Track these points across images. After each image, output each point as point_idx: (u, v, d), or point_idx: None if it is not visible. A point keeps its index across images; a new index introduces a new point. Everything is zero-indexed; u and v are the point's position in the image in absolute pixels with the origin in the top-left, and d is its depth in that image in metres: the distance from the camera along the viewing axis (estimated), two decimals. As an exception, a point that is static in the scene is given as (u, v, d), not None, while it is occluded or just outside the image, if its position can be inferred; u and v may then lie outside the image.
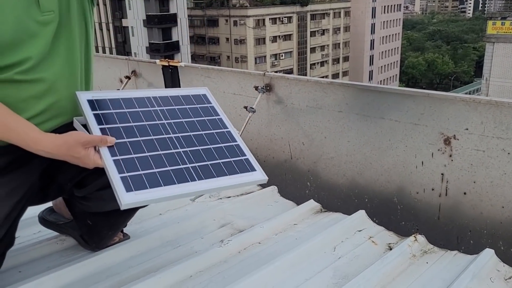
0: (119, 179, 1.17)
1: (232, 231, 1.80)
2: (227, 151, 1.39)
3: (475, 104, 1.83)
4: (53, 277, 1.41)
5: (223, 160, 1.35)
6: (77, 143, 1.19)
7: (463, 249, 1.87)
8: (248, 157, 1.40)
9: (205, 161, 1.32)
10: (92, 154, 1.20)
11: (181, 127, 1.39)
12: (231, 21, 41.74)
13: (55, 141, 1.20)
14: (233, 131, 1.46)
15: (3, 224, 1.27)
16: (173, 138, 1.34)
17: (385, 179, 2.18)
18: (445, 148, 1.95)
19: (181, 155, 1.30)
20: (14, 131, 1.19)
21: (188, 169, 1.28)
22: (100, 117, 1.29)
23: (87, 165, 1.22)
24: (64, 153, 1.20)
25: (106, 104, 1.33)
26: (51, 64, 1.29)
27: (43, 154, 1.21)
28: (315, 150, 2.43)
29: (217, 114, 1.49)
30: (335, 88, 2.27)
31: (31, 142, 1.19)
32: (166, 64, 3.01)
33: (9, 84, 1.22)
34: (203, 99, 1.53)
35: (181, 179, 1.24)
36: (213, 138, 1.40)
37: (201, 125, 1.43)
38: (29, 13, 1.21)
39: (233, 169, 1.34)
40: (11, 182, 1.29)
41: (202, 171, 1.29)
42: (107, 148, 1.22)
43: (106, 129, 1.26)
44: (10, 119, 1.19)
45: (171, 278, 1.43)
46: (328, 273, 1.51)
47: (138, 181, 1.19)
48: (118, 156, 1.22)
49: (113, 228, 1.58)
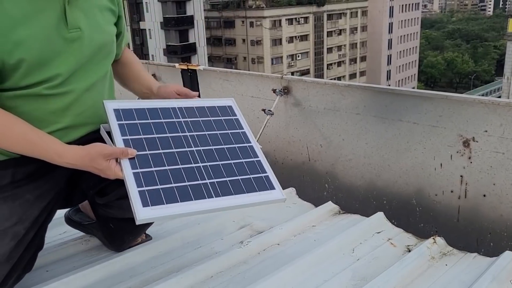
0: (137, 193, 1.19)
1: (251, 232, 1.83)
2: (248, 167, 1.38)
3: (494, 106, 1.83)
4: (79, 277, 1.46)
5: (243, 176, 1.35)
6: (99, 155, 1.21)
7: (483, 251, 1.86)
8: (268, 174, 1.39)
9: (224, 177, 1.32)
10: (113, 166, 1.22)
11: (203, 140, 1.39)
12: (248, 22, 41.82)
13: (78, 152, 1.23)
14: (255, 146, 1.46)
15: (32, 226, 1.32)
16: (195, 151, 1.35)
17: (404, 181, 2.18)
18: (464, 150, 1.94)
19: (201, 170, 1.31)
20: (38, 146, 1.22)
21: (206, 185, 1.28)
22: (124, 127, 1.30)
23: (108, 176, 1.24)
24: (87, 164, 1.23)
25: (131, 114, 1.35)
26: (79, 78, 1.31)
27: (68, 165, 1.24)
28: (333, 152, 2.45)
29: (241, 128, 1.49)
30: (353, 90, 2.28)
31: (55, 156, 1.22)
32: (185, 68, 3.05)
33: (37, 98, 1.25)
34: (229, 111, 1.52)
35: (199, 196, 1.25)
36: (235, 153, 1.40)
37: (224, 139, 1.43)
38: (58, 31, 1.24)
39: (252, 187, 1.34)
40: (40, 188, 1.34)
41: (220, 188, 1.29)
42: (128, 160, 1.24)
43: (129, 140, 1.28)
44: (33, 135, 1.22)
45: (192, 278, 1.47)
46: (346, 274, 1.52)
47: (156, 196, 1.20)
48: (138, 169, 1.23)
49: (133, 234, 1.61)
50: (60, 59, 1.25)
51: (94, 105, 1.37)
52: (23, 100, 1.24)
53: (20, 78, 1.21)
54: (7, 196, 1.29)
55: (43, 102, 1.26)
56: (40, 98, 1.26)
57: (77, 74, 1.31)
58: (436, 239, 1.69)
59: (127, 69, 1.61)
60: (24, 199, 1.30)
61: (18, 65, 1.18)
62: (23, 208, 1.30)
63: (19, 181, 1.31)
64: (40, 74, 1.23)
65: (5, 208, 1.28)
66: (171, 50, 33.86)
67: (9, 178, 1.30)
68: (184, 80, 3.11)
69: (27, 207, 1.31)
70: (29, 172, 1.32)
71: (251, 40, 42.21)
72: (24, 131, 1.21)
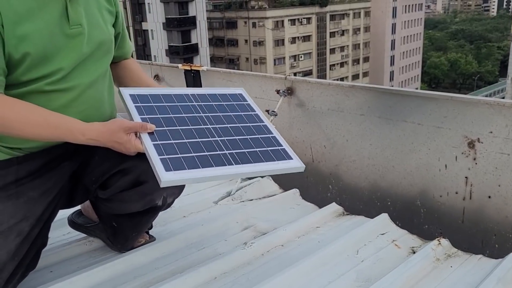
0: (158, 160, 1.21)
1: (255, 233, 1.83)
2: (264, 141, 1.41)
3: (499, 107, 1.82)
4: (83, 277, 1.46)
5: (260, 148, 1.38)
6: (120, 129, 1.26)
7: (488, 253, 1.85)
8: (284, 147, 1.43)
9: (242, 149, 1.35)
10: (133, 140, 1.27)
11: (218, 120, 1.43)
12: (250, 23, 41.84)
13: (100, 128, 1.28)
14: (269, 125, 1.49)
15: (37, 224, 1.33)
16: (211, 128, 1.39)
17: (408, 182, 2.17)
18: (469, 151, 1.94)
19: (219, 143, 1.34)
20: (60, 127, 1.26)
21: (225, 155, 1.31)
22: (141, 108, 1.35)
23: (128, 149, 1.28)
24: (108, 139, 1.27)
25: (147, 99, 1.40)
26: (80, 74, 1.34)
27: (91, 142, 1.28)
28: (337, 153, 2.44)
29: (253, 110, 1.53)
30: (357, 91, 2.27)
31: (79, 134, 1.26)
32: (188, 68, 3.05)
33: (39, 94, 1.28)
34: (240, 98, 1.57)
35: (219, 163, 1.28)
36: (250, 130, 1.44)
37: (238, 119, 1.46)
38: (60, 27, 1.27)
39: (270, 157, 1.37)
40: (44, 184, 1.36)
41: (240, 157, 1.32)
42: (147, 134, 1.27)
43: (147, 118, 1.32)
44: (54, 118, 1.26)
45: (196, 280, 1.47)
46: (351, 276, 1.52)
47: (177, 163, 1.23)
48: (158, 141, 1.27)
49: (136, 230, 1.62)
50: (62, 54, 1.28)
51: (96, 103, 1.40)
52: (26, 98, 1.26)
53: (22, 73, 1.24)
54: (12, 194, 1.30)
55: (46, 99, 1.28)
56: (43, 95, 1.28)
57: (78, 70, 1.33)
58: (441, 240, 1.68)
59: (128, 71, 1.63)
60: (28, 197, 1.32)
61: (23, 59, 1.22)
62: (27, 206, 1.31)
63: (23, 178, 1.32)
64: (42, 68, 1.26)
65: (10, 205, 1.29)
66: (173, 50, 33.91)
67: (13, 176, 1.31)
68: (187, 81, 3.11)
69: (31, 204, 1.32)
70: (32, 170, 1.34)
71: (253, 40, 42.22)
72: (44, 115, 1.25)
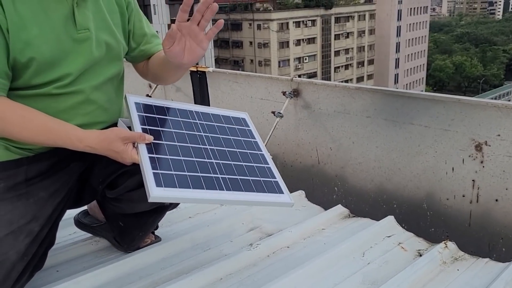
0: (151, 174, 1.20)
1: (260, 235, 1.82)
2: (258, 171, 1.41)
3: (507, 110, 1.81)
4: (89, 277, 1.46)
5: (253, 178, 1.37)
6: (117, 138, 1.25)
7: (495, 256, 1.84)
8: (277, 180, 1.42)
9: (236, 175, 1.34)
10: (130, 150, 1.25)
11: (217, 142, 1.43)
12: (255, 24, 41.92)
13: (98, 136, 1.26)
14: (266, 155, 1.50)
15: (46, 224, 1.34)
16: (208, 149, 1.38)
17: (414, 185, 2.16)
18: (476, 154, 1.93)
19: (214, 165, 1.33)
20: (59, 133, 1.25)
21: (218, 178, 1.30)
22: (143, 118, 1.35)
23: (124, 159, 1.26)
24: (105, 147, 1.25)
25: (151, 109, 1.40)
26: (87, 77, 1.34)
27: (89, 150, 1.27)
28: (343, 155, 2.43)
29: (253, 137, 1.53)
30: (363, 93, 2.27)
31: (77, 141, 1.25)
32: (194, 70, 3.06)
33: (47, 97, 1.28)
34: (242, 122, 1.57)
35: (210, 186, 1.27)
36: (246, 157, 1.44)
37: (236, 144, 1.46)
38: (67, 31, 1.27)
39: (261, 188, 1.36)
40: (53, 185, 1.36)
41: (231, 184, 1.31)
42: (145, 145, 1.27)
43: (147, 129, 1.32)
44: (53, 124, 1.25)
45: (202, 280, 1.46)
46: (357, 278, 1.51)
47: (169, 180, 1.22)
48: (154, 154, 1.26)
49: (143, 229, 1.62)
50: (69, 59, 1.28)
51: (102, 105, 1.39)
52: (33, 99, 1.26)
53: (31, 77, 1.24)
54: (22, 194, 1.30)
55: (53, 101, 1.29)
56: (50, 97, 1.28)
57: (86, 74, 1.33)
58: (447, 243, 1.67)
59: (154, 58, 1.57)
60: (38, 197, 1.32)
61: (29, 64, 1.22)
62: (37, 206, 1.32)
63: (32, 178, 1.33)
64: (51, 73, 1.26)
65: (20, 205, 1.29)
66: (178, 52, 33.96)
67: (23, 176, 1.31)
68: (193, 82, 3.11)
69: (41, 204, 1.33)
70: (42, 170, 1.34)
71: (258, 42, 42.29)
72: (44, 120, 1.24)
